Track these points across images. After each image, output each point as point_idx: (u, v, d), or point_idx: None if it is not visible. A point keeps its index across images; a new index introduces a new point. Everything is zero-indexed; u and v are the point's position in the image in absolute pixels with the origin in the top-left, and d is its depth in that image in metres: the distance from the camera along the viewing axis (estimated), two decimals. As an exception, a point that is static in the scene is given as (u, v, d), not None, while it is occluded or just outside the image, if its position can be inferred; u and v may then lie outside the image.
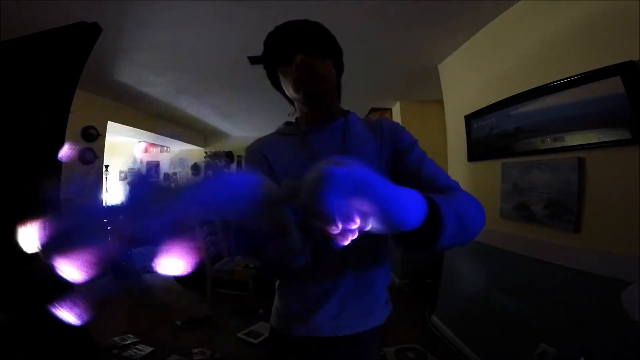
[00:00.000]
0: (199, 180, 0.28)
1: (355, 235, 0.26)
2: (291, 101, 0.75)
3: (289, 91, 0.68)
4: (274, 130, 0.79)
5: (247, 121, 4.93)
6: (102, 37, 1.37)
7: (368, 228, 0.28)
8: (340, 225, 0.25)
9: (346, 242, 0.26)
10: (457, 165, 2.40)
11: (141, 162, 6.46)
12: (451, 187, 0.60)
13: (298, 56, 0.62)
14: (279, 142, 0.74)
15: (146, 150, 6.58)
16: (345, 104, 0.74)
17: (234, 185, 0.27)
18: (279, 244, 0.34)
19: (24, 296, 1.17)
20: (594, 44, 1.31)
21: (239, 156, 6.27)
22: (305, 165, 0.30)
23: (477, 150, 2.11)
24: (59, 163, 1.25)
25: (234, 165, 6.49)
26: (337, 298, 0.66)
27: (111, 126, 3.76)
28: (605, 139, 1.26)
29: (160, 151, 6.66)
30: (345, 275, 0.66)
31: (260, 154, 0.72)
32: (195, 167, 6.49)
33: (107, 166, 4.64)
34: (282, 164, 0.70)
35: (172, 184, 0.27)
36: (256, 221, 0.29)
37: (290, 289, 0.71)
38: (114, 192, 5.60)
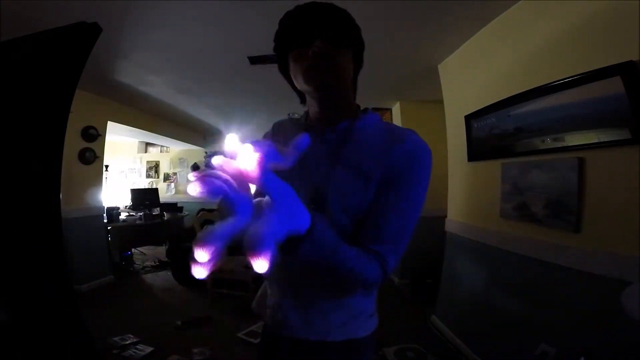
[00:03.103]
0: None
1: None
2: (299, 93, 0.69)
3: (298, 81, 0.60)
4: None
5: (247, 121, 4.93)
6: (102, 37, 1.37)
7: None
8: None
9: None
10: (457, 165, 2.40)
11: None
12: (375, 247, 0.56)
13: (317, 42, 0.55)
14: (287, 127, 0.74)
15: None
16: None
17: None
18: None
19: (25, 296, 1.17)
20: (594, 44, 1.31)
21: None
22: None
23: (477, 150, 2.11)
24: (59, 164, 1.25)
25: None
26: (283, 305, 0.67)
27: (111, 126, 3.76)
28: (605, 139, 1.26)
29: (160, 151, 6.66)
30: (288, 286, 0.66)
31: (269, 135, 0.76)
32: (195, 167, 6.50)
33: (107, 166, 4.64)
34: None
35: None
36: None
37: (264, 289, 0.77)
38: (113, 192, 5.61)
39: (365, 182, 0.59)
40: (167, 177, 6.57)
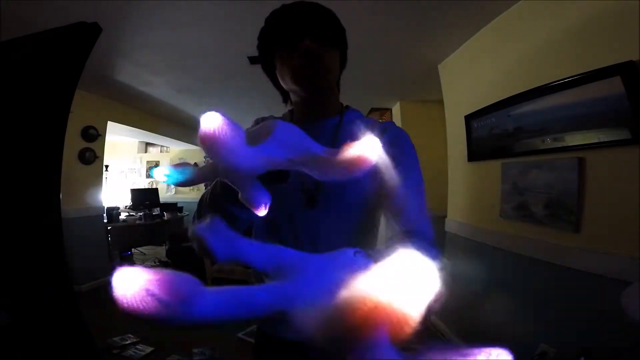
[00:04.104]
0: None
1: None
2: (282, 91, 0.68)
3: (286, 81, 0.59)
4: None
5: (247, 121, 4.93)
6: (102, 37, 1.37)
7: None
8: None
9: None
10: (457, 165, 2.39)
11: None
12: (414, 234, 0.51)
13: (305, 41, 0.53)
14: None
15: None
16: (346, 103, 0.70)
17: None
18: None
19: (25, 296, 1.17)
20: (594, 43, 1.31)
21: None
22: None
23: (477, 150, 2.11)
24: (59, 163, 1.25)
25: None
26: None
27: (111, 126, 3.76)
28: (605, 139, 1.26)
29: (160, 151, 6.66)
30: None
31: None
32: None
33: (107, 166, 4.64)
34: None
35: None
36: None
37: None
38: (113, 192, 5.61)
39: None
40: (167, 177, 6.56)
